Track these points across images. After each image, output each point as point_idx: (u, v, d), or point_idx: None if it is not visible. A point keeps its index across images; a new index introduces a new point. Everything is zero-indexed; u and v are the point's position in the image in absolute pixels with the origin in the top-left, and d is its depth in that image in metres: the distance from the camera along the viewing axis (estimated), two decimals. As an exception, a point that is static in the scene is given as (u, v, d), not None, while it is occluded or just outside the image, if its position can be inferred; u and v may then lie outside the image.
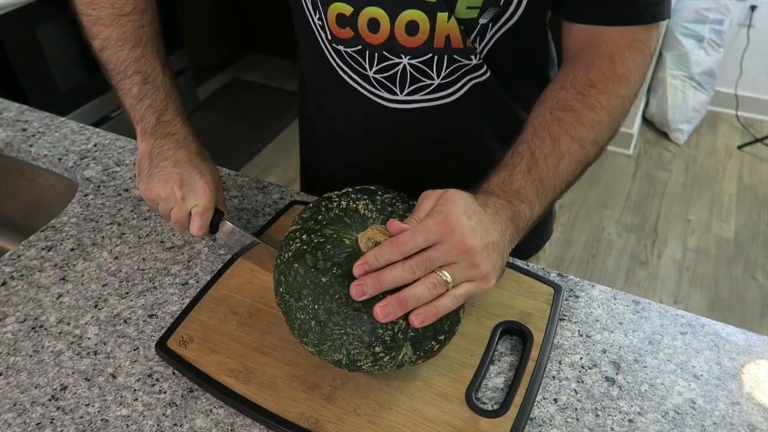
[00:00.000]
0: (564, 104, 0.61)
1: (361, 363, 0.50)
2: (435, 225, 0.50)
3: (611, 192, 2.41)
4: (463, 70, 0.67)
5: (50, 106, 1.99)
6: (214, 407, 0.55)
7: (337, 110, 0.80)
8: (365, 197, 0.56)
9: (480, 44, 0.66)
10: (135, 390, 0.57)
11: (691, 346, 0.61)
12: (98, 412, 0.55)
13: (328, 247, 0.52)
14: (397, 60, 0.67)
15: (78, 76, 2.12)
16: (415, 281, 0.49)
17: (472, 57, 0.66)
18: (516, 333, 0.62)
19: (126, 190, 0.81)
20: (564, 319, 0.64)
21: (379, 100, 0.72)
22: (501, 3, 0.62)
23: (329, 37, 0.69)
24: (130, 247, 0.72)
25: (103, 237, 0.74)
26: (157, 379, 0.58)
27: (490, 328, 0.61)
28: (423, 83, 0.69)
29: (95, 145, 0.90)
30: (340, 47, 0.69)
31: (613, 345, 0.61)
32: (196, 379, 0.57)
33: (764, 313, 1.92)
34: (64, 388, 0.57)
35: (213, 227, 0.67)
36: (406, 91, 0.70)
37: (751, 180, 2.50)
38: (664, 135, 2.71)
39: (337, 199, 0.56)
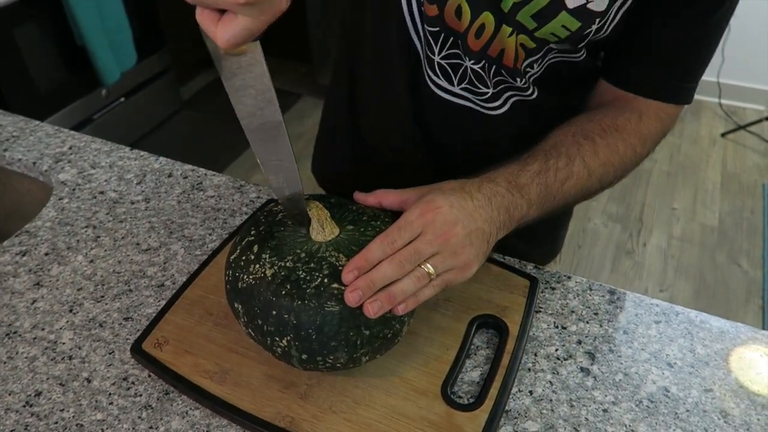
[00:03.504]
0: (586, 134, 0.64)
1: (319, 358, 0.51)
2: (417, 217, 0.52)
3: (596, 182, 2.42)
4: (506, 84, 0.67)
5: (30, 110, 1.98)
6: (190, 409, 0.55)
7: (386, 94, 0.75)
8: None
9: (537, 65, 0.66)
10: (110, 394, 0.56)
11: (665, 334, 0.62)
12: (73, 417, 0.55)
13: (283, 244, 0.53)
14: (460, 61, 0.66)
15: (58, 78, 2.10)
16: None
17: (517, 79, 0.66)
18: (492, 326, 0.62)
19: (101, 192, 0.81)
20: (540, 311, 0.64)
21: (434, 88, 0.69)
22: (578, 47, 0.64)
23: (415, 10, 0.65)
24: (105, 250, 0.72)
25: (78, 241, 0.73)
26: (133, 383, 0.57)
27: (466, 322, 0.61)
28: (478, 90, 0.68)
29: (70, 148, 0.89)
30: (423, 21, 0.65)
31: (588, 335, 0.62)
32: (172, 381, 0.56)
33: (748, 299, 1.94)
34: (38, 394, 0.57)
35: None
36: (461, 85, 0.68)
37: (734, 167, 2.52)
38: (648, 124, 2.73)
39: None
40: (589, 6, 0.57)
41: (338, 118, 0.86)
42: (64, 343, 0.61)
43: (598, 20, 0.58)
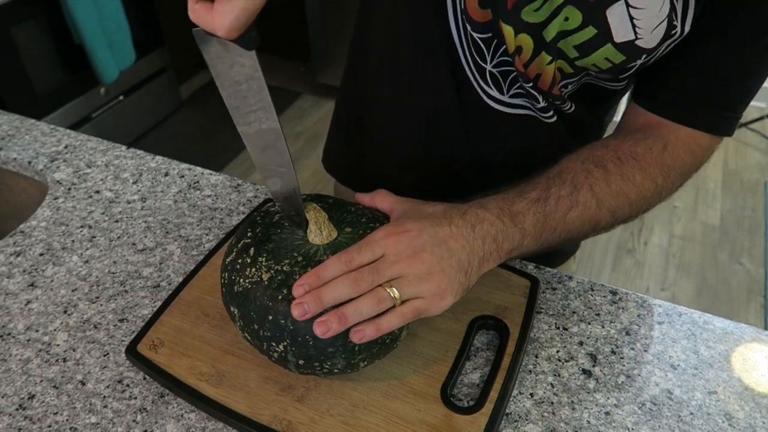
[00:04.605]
0: (598, 161, 0.59)
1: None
2: (381, 238, 0.50)
3: (597, 181, 2.41)
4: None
5: (28, 108, 1.97)
6: (186, 412, 0.54)
7: (425, 100, 0.70)
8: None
9: (571, 86, 0.63)
10: (105, 396, 0.56)
11: (668, 335, 0.61)
12: (67, 420, 0.54)
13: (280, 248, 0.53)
14: (511, 68, 0.62)
15: (56, 76, 2.09)
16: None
17: (550, 99, 0.63)
18: (492, 327, 0.61)
19: (97, 191, 0.80)
20: (541, 312, 0.63)
21: (485, 98, 0.65)
22: (620, 77, 0.61)
23: (462, 17, 0.61)
24: (100, 251, 0.71)
25: (73, 241, 0.72)
26: (128, 385, 0.57)
27: (466, 324, 0.60)
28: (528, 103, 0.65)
29: (66, 147, 0.88)
30: (468, 28, 0.61)
31: (590, 337, 0.61)
32: (167, 384, 0.55)
33: (750, 297, 1.93)
34: (31, 396, 0.56)
35: (245, 39, 0.44)
36: (511, 92, 0.65)
37: (735, 165, 2.51)
38: (649, 122, 2.72)
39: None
40: (638, 43, 0.54)
41: (352, 117, 0.83)
42: (58, 345, 0.60)
43: (644, 56, 0.55)
